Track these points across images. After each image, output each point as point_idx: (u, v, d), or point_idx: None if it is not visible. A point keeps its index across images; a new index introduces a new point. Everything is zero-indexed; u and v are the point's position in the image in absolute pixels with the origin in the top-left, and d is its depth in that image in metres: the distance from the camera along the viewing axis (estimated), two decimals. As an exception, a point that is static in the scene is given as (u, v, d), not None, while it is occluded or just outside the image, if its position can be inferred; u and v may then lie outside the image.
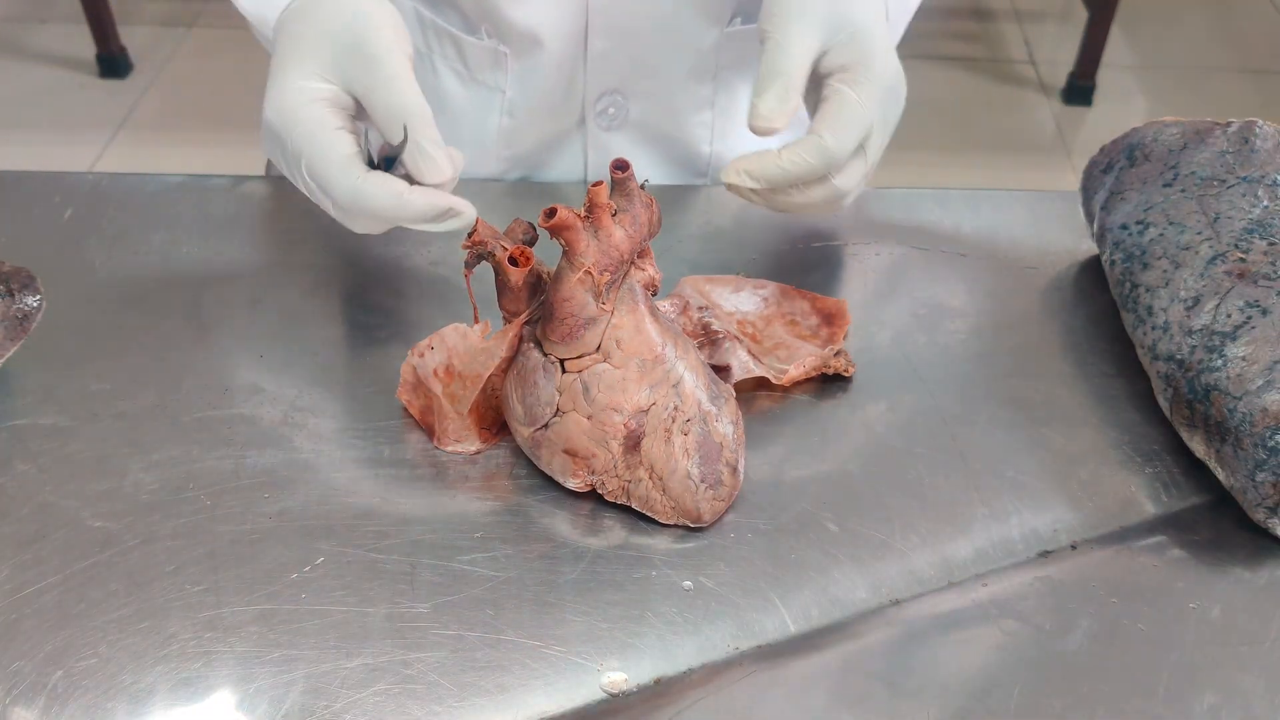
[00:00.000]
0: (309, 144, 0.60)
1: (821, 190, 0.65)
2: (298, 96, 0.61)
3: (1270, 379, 0.57)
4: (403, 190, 0.60)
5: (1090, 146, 0.76)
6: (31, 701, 0.50)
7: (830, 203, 0.67)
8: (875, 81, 0.65)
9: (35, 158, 2.17)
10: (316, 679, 0.51)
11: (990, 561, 0.57)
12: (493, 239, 0.58)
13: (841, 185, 0.65)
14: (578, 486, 0.58)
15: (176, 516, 0.58)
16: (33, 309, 0.64)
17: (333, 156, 0.60)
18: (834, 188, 0.65)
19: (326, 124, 0.60)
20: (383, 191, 0.60)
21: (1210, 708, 0.51)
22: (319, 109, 0.61)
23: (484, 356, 0.60)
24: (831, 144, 0.63)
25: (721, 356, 0.64)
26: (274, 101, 0.61)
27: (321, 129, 0.60)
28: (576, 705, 0.51)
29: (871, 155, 0.66)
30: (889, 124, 0.67)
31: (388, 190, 0.60)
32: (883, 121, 0.66)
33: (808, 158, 0.64)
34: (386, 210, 0.60)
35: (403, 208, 0.60)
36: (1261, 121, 0.69)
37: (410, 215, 0.60)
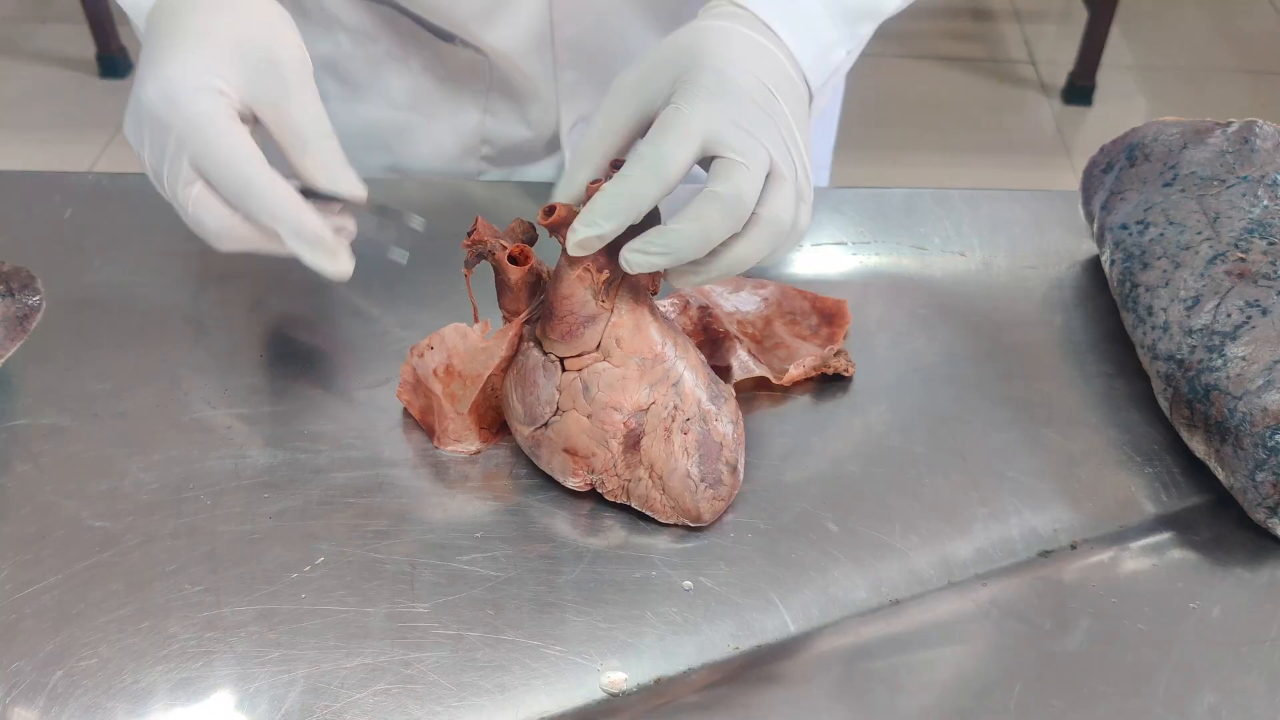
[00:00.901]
0: (202, 131, 0.55)
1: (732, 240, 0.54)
2: (197, 84, 0.55)
3: (1270, 379, 0.57)
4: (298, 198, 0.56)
5: (1090, 146, 0.76)
6: (31, 701, 0.50)
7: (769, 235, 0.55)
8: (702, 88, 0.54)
9: (35, 158, 2.17)
10: (316, 679, 0.51)
11: (990, 561, 0.57)
12: (492, 238, 0.58)
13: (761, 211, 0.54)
14: (577, 485, 0.58)
15: (176, 516, 0.58)
16: (33, 309, 0.64)
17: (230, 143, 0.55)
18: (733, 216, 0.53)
19: (225, 113, 0.56)
20: (282, 192, 0.55)
21: (1210, 708, 0.51)
22: (222, 102, 0.56)
23: (484, 356, 0.60)
24: (646, 150, 0.53)
25: (721, 356, 0.64)
26: (162, 84, 0.55)
27: (223, 120, 0.55)
28: (576, 705, 0.51)
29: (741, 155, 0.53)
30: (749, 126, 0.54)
31: (284, 191, 0.55)
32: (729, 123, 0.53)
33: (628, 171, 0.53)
34: (280, 210, 0.55)
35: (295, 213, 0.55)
36: (1261, 121, 0.69)
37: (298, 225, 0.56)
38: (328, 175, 0.57)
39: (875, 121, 2.39)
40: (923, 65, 2.62)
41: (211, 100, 0.56)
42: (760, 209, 0.54)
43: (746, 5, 0.59)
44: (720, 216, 0.52)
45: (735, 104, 0.54)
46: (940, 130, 2.41)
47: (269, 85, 0.57)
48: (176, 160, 0.56)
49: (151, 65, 0.56)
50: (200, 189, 0.56)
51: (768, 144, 0.54)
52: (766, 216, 0.54)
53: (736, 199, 0.52)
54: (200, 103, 0.55)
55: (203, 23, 0.57)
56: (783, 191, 0.54)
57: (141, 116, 0.57)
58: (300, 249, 0.56)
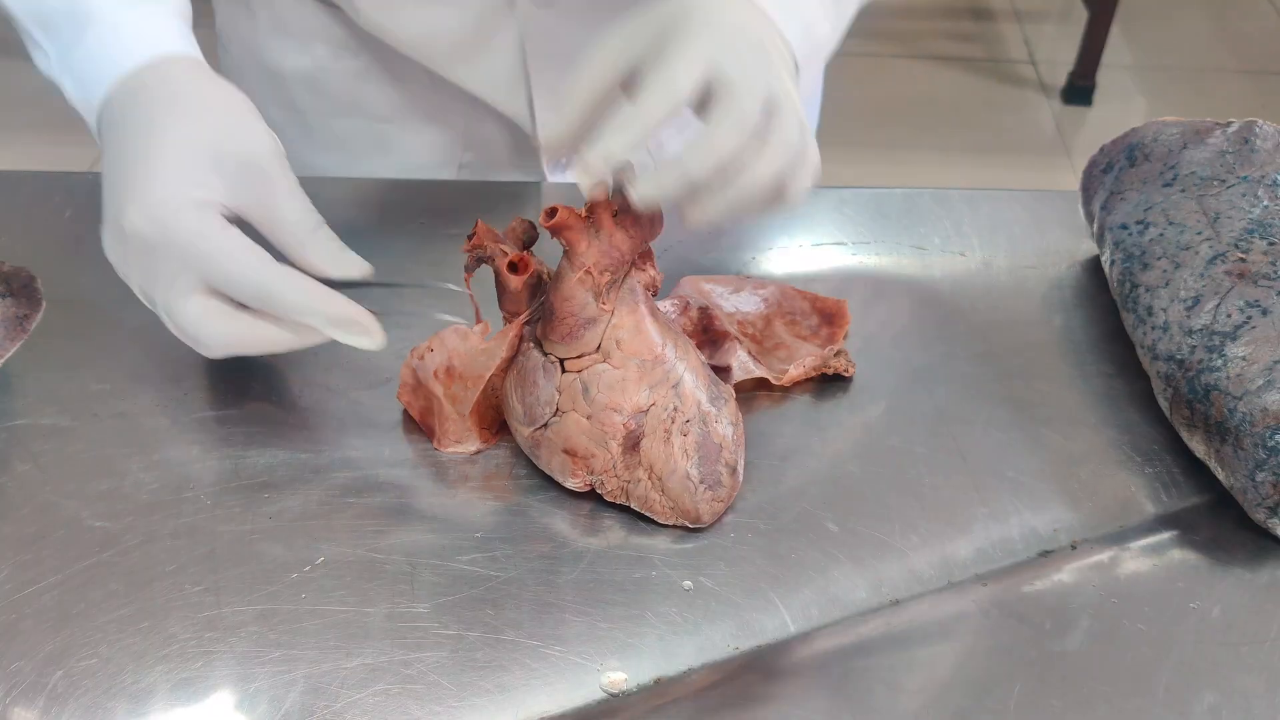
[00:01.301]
0: (200, 245, 0.53)
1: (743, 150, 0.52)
2: (182, 201, 0.54)
3: (1270, 379, 0.57)
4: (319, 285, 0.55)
5: (1090, 146, 0.76)
6: (31, 701, 0.50)
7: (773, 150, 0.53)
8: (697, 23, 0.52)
9: (35, 158, 2.17)
10: (316, 679, 0.51)
11: (990, 561, 0.57)
12: (492, 242, 0.58)
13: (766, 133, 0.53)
14: (577, 486, 0.58)
15: (176, 516, 0.58)
16: (33, 309, 0.64)
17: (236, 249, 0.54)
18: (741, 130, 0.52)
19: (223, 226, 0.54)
20: (305, 284, 0.54)
21: (1210, 708, 0.51)
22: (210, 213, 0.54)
23: (485, 358, 0.60)
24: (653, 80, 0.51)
25: (722, 357, 0.64)
26: (141, 210, 0.54)
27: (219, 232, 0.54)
28: (576, 705, 0.51)
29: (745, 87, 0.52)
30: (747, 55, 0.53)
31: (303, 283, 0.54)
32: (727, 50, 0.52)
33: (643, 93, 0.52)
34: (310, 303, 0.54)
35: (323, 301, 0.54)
36: (1261, 121, 0.69)
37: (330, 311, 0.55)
38: (334, 264, 0.56)
39: (876, 121, 2.40)
40: (923, 65, 2.62)
41: (201, 214, 0.54)
42: (768, 135, 0.52)
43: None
44: (727, 128, 0.51)
45: (731, 37, 0.53)
46: (940, 130, 2.41)
47: (251, 186, 0.55)
48: (174, 280, 0.54)
49: (126, 188, 0.55)
50: (201, 302, 0.54)
51: (769, 74, 0.53)
52: (774, 140, 0.53)
53: (741, 113, 0.51)
54: (191, 221, 0.54)
55: (166, 131, 0.55)
56: (786, 117, 0.53)
57: (126, 241, 0.55)
58: (337, 334, 0.55)
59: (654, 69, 0.52)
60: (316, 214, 0.57)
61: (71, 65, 0.60)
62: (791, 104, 0.54)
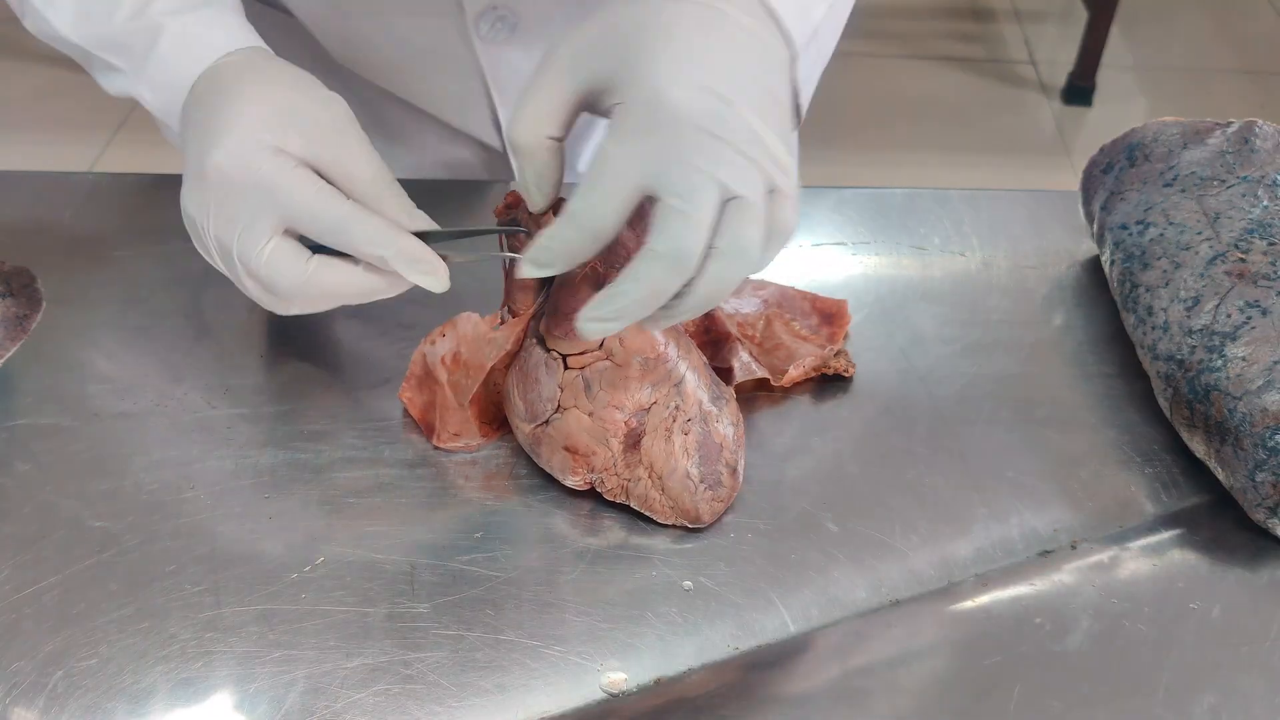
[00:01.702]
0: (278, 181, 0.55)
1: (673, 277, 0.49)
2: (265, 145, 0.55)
3: (1270, 379, 0.57)
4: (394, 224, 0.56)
5: (1090, 146, 0.76)
6: (31, 701, 0.50)
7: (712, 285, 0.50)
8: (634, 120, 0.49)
9: (35, 158, 2.17)
10: (316, 679, 0.51)
11: (990, 561, 0.57)
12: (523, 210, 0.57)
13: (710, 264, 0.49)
14: (577, 484, 0.58)
15: (176, 516, 0.58)
16: (33, 309, 0.64)
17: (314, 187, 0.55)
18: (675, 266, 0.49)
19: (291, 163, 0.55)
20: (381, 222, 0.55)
21: (1210, 708, 0.51)
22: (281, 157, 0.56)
23: (490, 347, 0.60)
24: (576, 207, 0.49)
25: (723, 358, 0.64)
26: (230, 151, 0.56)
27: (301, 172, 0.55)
28: (576, 705, 0.51)
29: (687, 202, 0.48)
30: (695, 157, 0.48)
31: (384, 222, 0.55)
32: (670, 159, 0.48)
33: (561, 230, 0.50)
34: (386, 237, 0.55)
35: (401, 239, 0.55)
36: (1261, 121, 0.69)
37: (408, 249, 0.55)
38: (408, 217, 0.57)
39: (876, 121, 2.40)
40: (923, 65, 2.62)
41: (280, 158, 0.55)
42: (719, 241, 0.49)
43: None
44: (664, 274, 0.49)
45: (675, 138, 0.48)
46: (940, 130, 2.41)
47: (328, 143, 0.57)
48: (255, 222, 0.55)
49: (211, 137, 0.56)
50: (278, 243, 0.55)
51: (718, 173, 0.48)
52: (727, 250, 0.49)
53: (677, 255, 0.48)
54: (275, 161, 0.55)
55: (245, 95, 0.58)
56: (744, 218, 0.49)
57: (206, 186, 0.56)
58: (407, 269, 0.55)
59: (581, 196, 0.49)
60: (389, 172, 0.58)
61: (148, 77, 0.63)
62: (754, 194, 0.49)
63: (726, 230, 0.49)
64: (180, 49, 0.61)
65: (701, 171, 0.48)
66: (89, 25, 0.64)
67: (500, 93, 0.79)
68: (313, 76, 0.61)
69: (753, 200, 0.49)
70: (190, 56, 0.61)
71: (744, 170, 0.49)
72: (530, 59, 0.77)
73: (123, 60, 0.63)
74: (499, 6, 0.73)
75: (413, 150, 0.85)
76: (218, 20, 0.62)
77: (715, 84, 0.49)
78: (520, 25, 0.75)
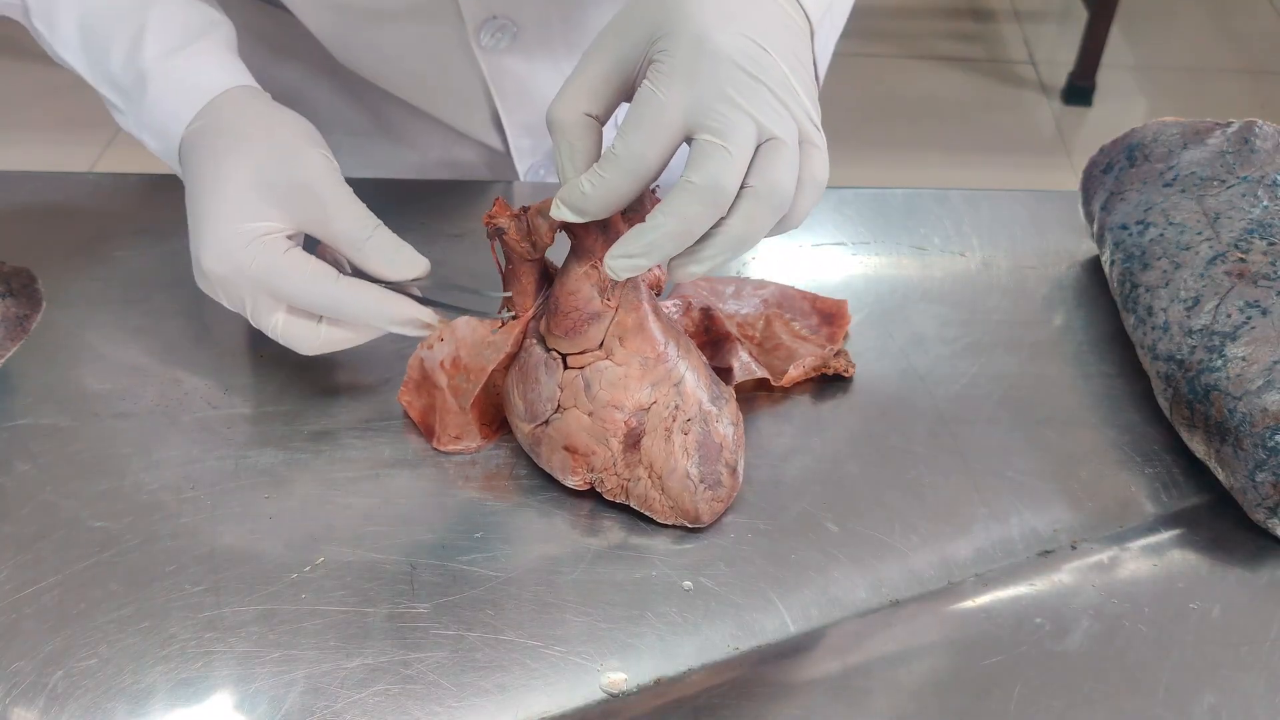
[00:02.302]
0: (269, 275, 0.58)
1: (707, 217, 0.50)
2: (248, 237, 0.58)
3: (1270, 379, 0.57)
4: (381, 294, 0.59)
5: (1090, 146, 0.76)
6: (31, 701, 0.50)
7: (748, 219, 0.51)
8: (677, 62, 0.50)
9: (35, 158, 2.17)
10: (316, 679, 0.51)
11: (990, 561, 0.57)
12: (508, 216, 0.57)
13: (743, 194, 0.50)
14: (577, 484, 0.58)
15: (176, 516, 0.58)
16: (33, 309, 0.64)
17: (301, 274, 0.58)
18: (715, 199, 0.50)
19: (278, 249, 0.59)
20: (367, 297, 0.58)
21: (1210, 708, 0.51)
22: (267, 243, 0.59)
23: (490, 350, 0.60)
24: (620, 149, 0.50)
25: (723, 358, 0.64)
26: (212, 251, 0.59)
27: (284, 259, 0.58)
28: (576, 705, 0.51)
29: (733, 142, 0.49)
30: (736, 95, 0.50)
31: (370, 294, 0.59)
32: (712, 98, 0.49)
33: (602, 172, 0.51)
34: (373, 313, 0.59)
35: (390, 309, 0.59)
36: (1261, 121, 0.69)
37: (397, 317, 0.59)
38: (390, 268, 0.59)
39: (876, 121, 2.40)
40: (923, 65, 2.62)
41: (266, 246, 0.58)
42: (752, 180, 0.50)
43: None
44: (699, 207, 0.49)
45: (716, 76, 0.50)
46: (940, 130, 2.41)
47: (306, 208, 0.59)
48: (258, 305, 0.59)
49: (198, 232, 0.60)
50: (284, 316, 0.59)
51: (756, 113, 0.49)
52: (760, 189, 0.50)
53: (713, 188, 0.49)
54: (257, 254, 0.58)
55: (223, 173, 0.60)
56: (780, 158, 0.50)
57: (208, 279, 0.60)
58: (403, 332, 0.60)
59: (623, 136, 0.50)
60: (372, 220, 0.60)
61: (144, 121, 0.65)
62: (788, 137, 0.50)
63: (761, 169, 0.50)
64: (168, 95, 0.63)
65: (741, 109, 0.49)
66: (91, 61, 0.66)
67: (502, 99, 0.79)
68: (297, 120, 0.62)
69: (788, 143, 0.50)
70: (178, 100, 0.63)
71: (780, 114, 0.50)
72: (531, 67, 0.77)
73: (123, 101, 0.66)
74: (499, 16, 0.73)
75: (416, 150, 0.85)
76: (204, 60, 0.64)
77: (755, 34, 0.51)
78: (521, 35, 0.75)
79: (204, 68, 0.63)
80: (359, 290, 0.59)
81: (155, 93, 0.63)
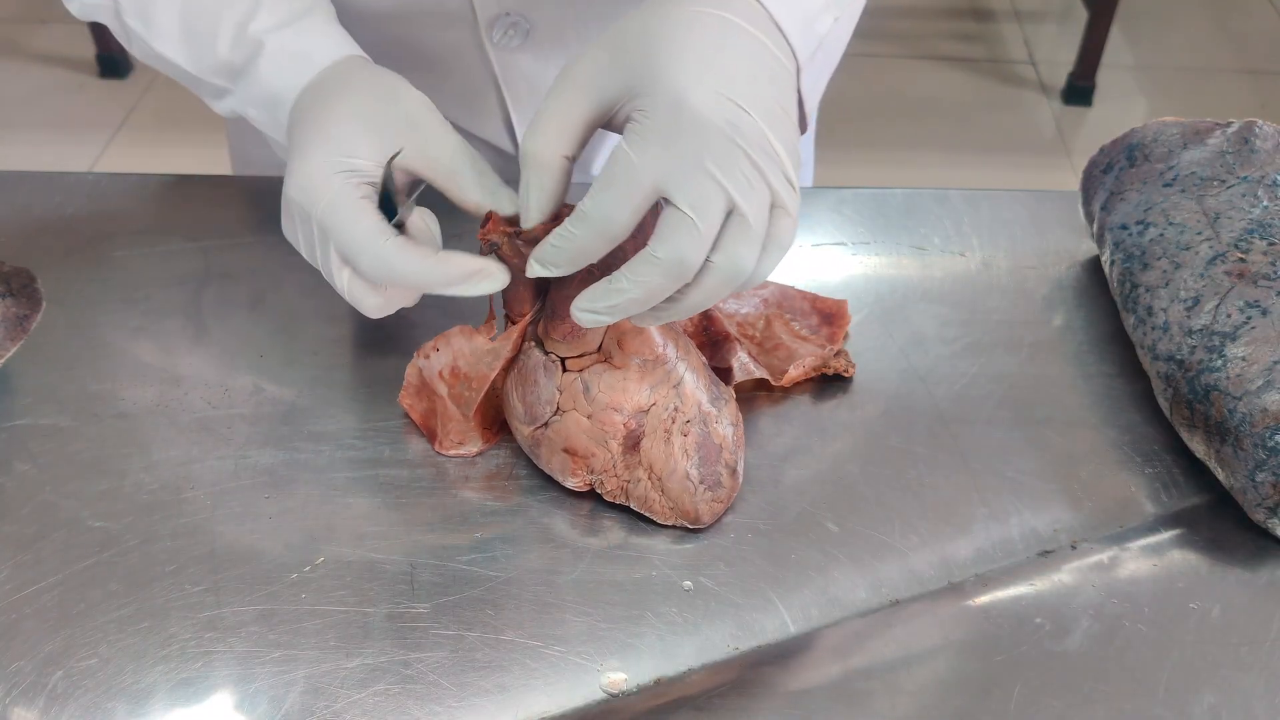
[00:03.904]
0: (334, 216, 0.57)
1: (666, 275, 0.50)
2: (329, 170, 0.58)
3: (1270, 379, 0.57)
4: (432, 254, 0.57)
5: (1090, 146, 0.76)
6: (31, 701, 0.50)
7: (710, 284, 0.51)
8: (653, 123, 0.49)
9: (35, 158, 2.17)
10: (316, 679, 0.51)
11: (990, 561, 0.57)
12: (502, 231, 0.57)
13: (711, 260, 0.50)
14: (577, 486, 0.58)
15: (176, 516, 0.58)
16: (33, 309, 0.64)
17: (361, 226, 0.57)
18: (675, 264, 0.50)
19: (351, 195, 0.58)
20: (414, 256, 0.57)
21: (1210, 708, 0.51)
22: (343, 181, 0.58)
23: (490, 358, 0.60)
24: (589, 208, 0.50)
25: (722, 358, 0.64)
26: (297, 179, 0.58)
27: (346, 200, 0.58)
28: (576, 705, 0.51)
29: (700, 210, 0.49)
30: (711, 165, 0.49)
31: (419, 254, 0.57)
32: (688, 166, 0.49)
33: (572, 229, 0.51)
34: (419, 274, 0.57)
35: (438, 271, 0.57)
36: (1261, 121, 0.69)
37: (442, 278, 0.57)
38: (483, 193, 0.58)
39: (876, 122, 2.40)
40: (923, 65, 2.62)
41: (341, 184, 0.57)
42: (715, 256, 0.50)
43: None
44: (662, 280, 0.50)
45: (692, 143, 0.49)
46: (940, 130, 2.41)
47: (404, 135, 0.58)
48: (325, 248, 0.58)
49: (292, 162, 0.59)
50: (351, 273, 0.58)
51: (729, 185, 0.49)
52: (722, 265, 0.50)
53: (678, 263, 0.49)
54: (332, 188, 0.57)
55: (328, 109, 0.60)
56: (744, 236, 0.50)
57: (293, 213, 0.59)
58: (458, 293, 0.58)
59: (594, 196, 0.50)
60: (469, 151, 0.59)
61: (253, 96, 0.65)
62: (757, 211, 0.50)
63: (724, 245, 0.50)
64: (280, 66, 0.63)
65: (715, 181, 0.49)
66: (194, 49, 0.65)
67: (513, 98, 0.79)
68: (400, 78, 0.62)
69: (754, 218, 0.50)
70: (291, 71, 0.63)
71: (754, 183, 0.50)
72: (543, 65, 0.77)
73: (228, 81, 0.65)
74: (512, 13, 0.74)
75: None
76: (315, 32, 0.64)
77: (734, 93, 0.49)
78: (533, 32, 0.75)
79: (316, 39, 0.64)
80: (411, 252, 0.57)
81: (269, 64, 0.63)
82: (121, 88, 2.40)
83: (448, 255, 0.57)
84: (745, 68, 0.51)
